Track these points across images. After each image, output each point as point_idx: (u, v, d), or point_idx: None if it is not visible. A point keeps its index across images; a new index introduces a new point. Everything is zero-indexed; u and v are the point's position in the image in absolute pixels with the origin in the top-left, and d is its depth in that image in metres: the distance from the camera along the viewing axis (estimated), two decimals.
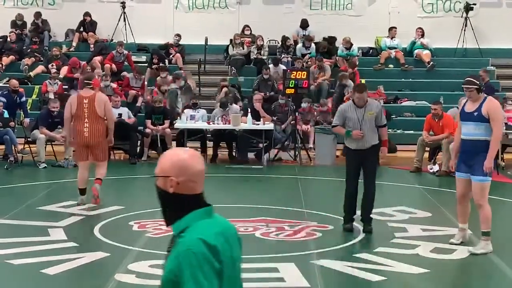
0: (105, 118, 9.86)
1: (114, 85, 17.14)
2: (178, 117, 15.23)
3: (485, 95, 7.66)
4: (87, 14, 20.29)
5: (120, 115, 14.58)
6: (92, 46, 19.56)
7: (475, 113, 7.50)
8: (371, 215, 8.51)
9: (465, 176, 7.68)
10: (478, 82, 7.60)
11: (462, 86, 7.73)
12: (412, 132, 16.26)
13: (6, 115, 13.89)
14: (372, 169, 8.44)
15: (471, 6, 19.97)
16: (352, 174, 8.47)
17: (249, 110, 15.13)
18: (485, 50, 19.95)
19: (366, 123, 8.27)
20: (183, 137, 14.57)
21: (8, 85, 15.06)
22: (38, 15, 20.29)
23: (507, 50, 20.19)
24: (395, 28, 20.09)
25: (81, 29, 20.34)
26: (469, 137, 7.53)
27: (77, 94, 10.25)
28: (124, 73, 18.28)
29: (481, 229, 7.62)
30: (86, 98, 9.77)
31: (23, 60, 19.11)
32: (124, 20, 19.96)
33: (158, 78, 17.24)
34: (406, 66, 19.50)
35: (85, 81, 10.15)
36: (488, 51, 20.03)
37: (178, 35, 19.81)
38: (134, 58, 19.15)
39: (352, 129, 8.28)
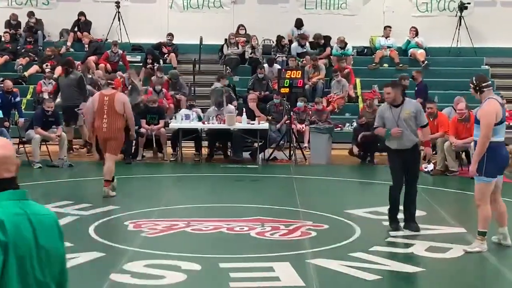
0: (124, 115, 10.56)
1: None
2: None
3: (488, 97, 7.58)
4: (81, 13, 20.25)
5: None
6: (86, 46, 19.52)
7: (476, 115, 7.70)
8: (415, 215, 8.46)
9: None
10: (474, 82, 7.66)
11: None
12: None
13: (0, 115, 13.85)
14: (414, 169, 8.37)
15: (466, 5, 19.99)
16: (399, 173, 8.34)
17: (244, 109, 15.14)
18: (480, 49, 19.98)
19: (402, 122, 8.16)
20: (178, 137, 14.57)
21: (2, 85, 15.03)
22: (32, 14, 20.24)
23: (501, 49, 20.23)
24: (390, 27, 20.11)
25: (76, 29, 20.31)
26: (475, 138, 7.71)
27: (99, 92, 11.09)
28: (119, 72, 18.24)
29: (478, 228, 7.66)
30: (107, 96, 10.56)
31: (17, 60, 19.07)
32: (119, 20, 19.93)
33: (153, 77, 17.23)
34: (401, 65, 19.52)
35: (108, 81, 11.25)
36: (483, 50, 20.06)
37: (171, 35, 19.79)
38: (128, 58, 19.13)
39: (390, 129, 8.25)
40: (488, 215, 7.63)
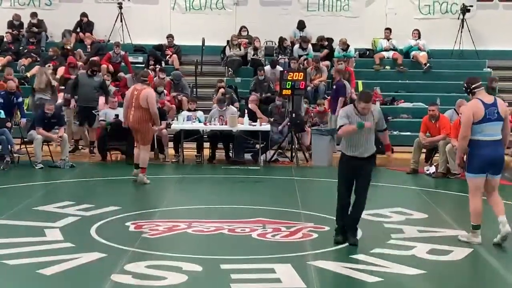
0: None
1: (112, 86, 17.16)
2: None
3: (475, 98, 7.98)
4: (84, 14, 20.30)
5: (117, 116, 14.59)
6: (88, 46, 19.54)
7: None
8: (356, 226, 8.00)
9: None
10: (465, 85, 8.11)
11: None
12: (408, 133, 16.29)
13: (2, 115, 13.86)
14: (366, 179, 7.89)
15: (468, 8, 20.02)
16: (345, 183, 7.94)
17: (246, 111, 15.15)
18: (482, 52, 19.99)
19: (368, 131, 7.77)
20: (180, 138, 14.58)
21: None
22: (35, 15, 20.27)
23: (503, 52, 20.24)
24: (390, 29, 20.14)
25: (78, 29, 20.33)
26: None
27: (133, 86, 12.24)
28: (121, 73, 18.28)
29: (471, 221, 8.08)
30: (137, 90, 11.73)
31: (20, 60, 19.10)
32: (121, 21, 19.96)
33: (156, 79, 17.22)
34: (402, 67, 19.53)
35: (142, 77, 12.32)
36: (485, 52, 20.07)
37: (171, 36, 19.80)
38: (131, 59, 19.15)
39: (351, 137, 7.75)
40: (476, 208, 7.96)
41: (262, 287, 6.42)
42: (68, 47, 19.26)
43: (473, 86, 7.99)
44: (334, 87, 16.25)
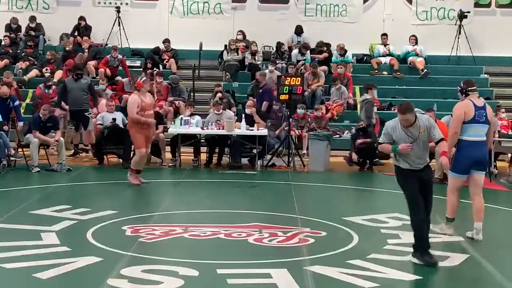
0: None
1: (109, 89, 17.15)
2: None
3: (467, 99, 8.48)
4: (81, 18, 20.28)
5: (114, 119, 14.59)
6: (86, 50, 19.53)
7: None
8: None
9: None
10: (462, 86, 8.61)
11: None
12: None
13: None
14: (428, 190, 7.43)
15: (465, 14, 20.06)
16: (416, 196, 7.36)
17: (243, 115, 15.15)
18: (479, 58, 20.03)
19: (418, 141, 7.31)
20: (177, 142, 14.58)
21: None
22: (32, 19, 20.27)
23: (500, 58, 20.28)
24: (386, 35, 20.18)
25: (76, 33, 20.32)
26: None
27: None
28: (119, 77, 18.27)
29: (446, 214, 8.72)
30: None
31: (17, 64, 19.09)
32: (119, 25, 19.96)
33: (154, 83, 17.21)
34: (398, 73, 19.57)
35: (133, 82, 12.95)
36: (482, 59, 20.11)
37: (168, 41, 19.81)
38: (128, 63, 19.14)
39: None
40: (453, 204, 8.63)
41: None
42: (67, 48, 19.27)
43: (469, 88, 8.53)
44: (261, 91, 16.36)
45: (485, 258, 7.72)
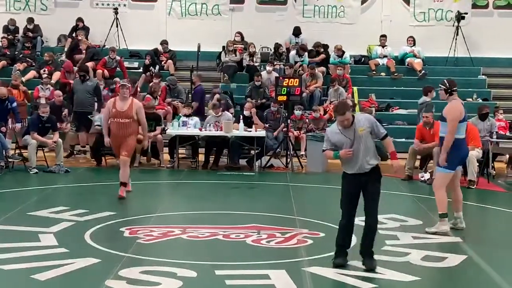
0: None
1: (105, 90, 17.14)
2: None
3: (453, 99, 8.91)
4: (79, 19, 20.28)
5: None
6: (84, 51, 19.52)
7: (441, 114, 8.95)
8: (372, 249, 7.27)
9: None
10: (448, 85, 8.94)
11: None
12: (403, 140, 16.29)
13: None
14: (374, 195, 7.15)
15: (463, 15, 20.08)
16: (348, 202, 7.19)
17: (241, 117, 15.16)
18: (477, 59, 20.06)
19: (359, 142, 7.05)
20: (175, 144, 14.57)
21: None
22: (30, 20, 20.26)
23: (498, 59, 20.31)
24: (385, 36, 20.19)
25: (74, 34, 20.31)
26: (442, 135, 8.91)
27: None
28: (117, 79, 18.25)
29: (438, 211, 8.91)
30: None
31: (15, 65, 19.07)
32: (117, 26, 19.96)
33: (152, 83, 17.23)
34: (396, 74, 19.59)
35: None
36: (480, 60, 20.14)
37: (165, 42, 19.80)
38: (126, 64, 19.14)
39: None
40: (444, 199, 8.86)
41: None
42: (79, 38, 19.38)
43: (454, 88, 8.94)
44: (193, 92, 16.38)
45: (484, 259, 7.73)
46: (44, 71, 18.17)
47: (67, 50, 19.51)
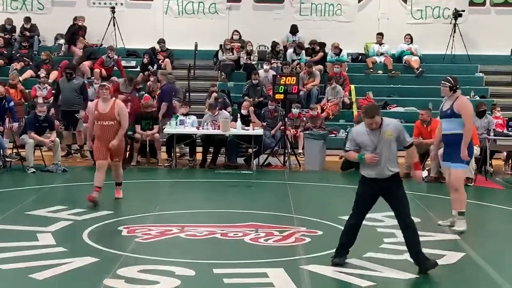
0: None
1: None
2: None
3: (457, 96, 8.91)
4: (76, 18, 20.23)
5: None
6: (81, 51, 19.50)
7: (449, 111, 8.84)
8: (421, 248, 7.14)
9: (447, 165, 9.08)
10: (452, 82, 8.92)
11: (441, 81, 9.10)
12: None
13: None
14: (400, 198, 7.08)
15: (460, 12, 20.09)
16: (363, 204, 7.18)
17: (238, 115, 15.16)
18: (474, 57, 20.07)
19: (383, 146, 6.98)
20: (172, 143, 14.58)
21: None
22: (27, 19, 20.23)
23: (495, 57, 20.32)
24: (382, 34, 20.20)
25: (74, 22, 20.23)
26: (447, 132, 8.88)
27: None
28: (114, 78, 18.23)
29: (459, 209, 8.91)
30: None
31: (12, 64, 19.05)
32: (114, 25, 19.94)
33: (149, 82, 17.22)
34: (393, 72, 19.60)
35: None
36: (477, 57, 20.15)
37: (163, 41, 19.78)
38: (123, 63, 19.12)
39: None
40: (465, 196, 9.00)
41: None
42: (80, 24, 19.40)
43: (457, 85, 8.96)
44: (160, 91, 16.35)
45: (481, 256, 7.74)
46: (41, 70, 18.13)
47: (65, 34, 19.47)
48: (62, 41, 20.01)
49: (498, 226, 9.79)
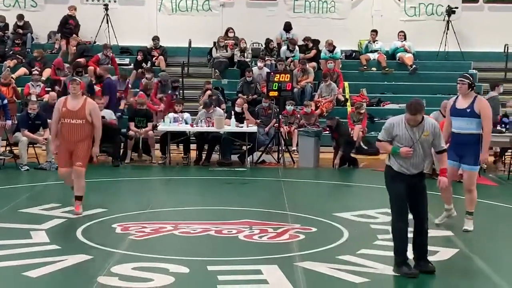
0: None
1: (97, 87, 17.06)
2: None
3: (475, 94, 8.66)
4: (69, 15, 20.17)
5: (103, 117, 14.51)
6: (74, 48, 19.43)
7: (468, 110, 8.50)
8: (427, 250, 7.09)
9: (454, 165, 8.70)
10: (471, 79, 8.64)
11: (458, 78, 8.74)
12: None
13: None
14: (425, 203, 7.01)
15: (453, 9, 20.12)
16: (400, 202, 6.92)
17: (232, 112, 15.15)
18: (467, 54, 20.10)
19: (419, 144, 6.82)
20: (166, 140, 14.56)
21: None
22: (20, 17, 20.17)
23: (489, 54, 20.34)
24: (375, 31, 20.20)
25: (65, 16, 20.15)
26: (462, 131, 8.56)
27: None
28: (109, 75, 18.17)
29: (469, 209, 8.83)
30: None
31: (5, 62, 18.98)
32: (107, 22, 19.89)
33: (144, 80, 17.18)
34: (387, 69, 19.61)
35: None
36: (470, 54, 20.17)
37: (157, 38, 19.73)
38: (117, 61, 19.06)
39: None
40: (476, 197, 8.87)
41: None
42: (71, 14, 19.50)
43: (474, 84, 8.70)
44: (102, 85, 16.30)
45: (475, 252, 7.77)
46: (35, 68, 18.07)
47: (59, 25, 19.47)
48: (58, 35, 19.91)
49: (491, 222, 9.80)
